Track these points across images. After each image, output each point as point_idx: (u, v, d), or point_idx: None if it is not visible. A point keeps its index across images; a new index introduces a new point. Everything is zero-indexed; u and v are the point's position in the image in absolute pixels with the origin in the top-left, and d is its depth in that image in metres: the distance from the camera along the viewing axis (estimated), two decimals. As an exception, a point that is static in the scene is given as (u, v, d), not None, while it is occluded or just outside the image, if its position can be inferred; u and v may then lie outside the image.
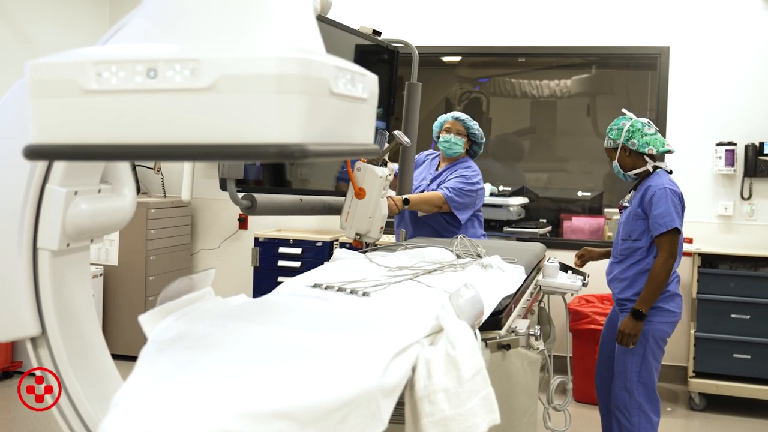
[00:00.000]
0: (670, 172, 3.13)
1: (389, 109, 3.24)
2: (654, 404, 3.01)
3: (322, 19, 2.68)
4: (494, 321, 1.87)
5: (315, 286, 1.86)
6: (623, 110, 3.20)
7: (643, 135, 3.05)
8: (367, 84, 1.28)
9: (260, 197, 2.34)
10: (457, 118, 3.74)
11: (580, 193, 5.43)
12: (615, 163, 3.13)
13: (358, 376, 1.11)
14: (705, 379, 4.33)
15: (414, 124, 3.30)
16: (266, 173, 2.99)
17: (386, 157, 2.96)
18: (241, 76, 1.03)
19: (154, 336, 1.30)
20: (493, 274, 2.24)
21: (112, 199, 1.83)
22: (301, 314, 1.48)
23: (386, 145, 3.01)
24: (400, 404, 1.32)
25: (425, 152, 4.01)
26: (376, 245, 3.02)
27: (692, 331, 4.39)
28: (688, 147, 4.78)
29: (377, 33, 3.03)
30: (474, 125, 3.77)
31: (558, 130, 6.11)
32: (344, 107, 1.19)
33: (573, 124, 6.00)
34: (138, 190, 5.28)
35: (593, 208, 5.35)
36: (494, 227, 4.90)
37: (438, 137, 3.79)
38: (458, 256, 2.57)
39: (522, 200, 4.96)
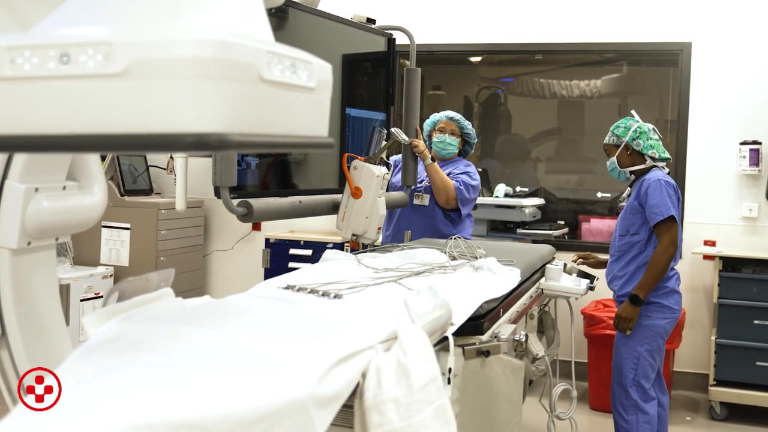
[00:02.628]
0: (668, 173, 3.18)
1: (389, 99, 3.15)
2: (650, 403, 2.96)
3: (310, 11, 2.62)
4: (475, 326, 1.78)
5: (288, 287, 1.78)
6: (632, 112, 3.27)
7: (649, 138, 3.12)
8: (314, 72, 1.20)
9: (257, 203, 2.26)
10: (451, 118, 3.64)
11: (599, 194, 5.29)
12: (613, 159, 3.17)
13: (288, 385, 1.03)
14: (726, 387, 4.16)
15: (415, 111, 3.20)
16: (271, 176, 2.93)
17: (384, 156, 2.88)
18: (156, 61, 0.96)
19: (93, 338, 1.23)
20: (483, 276, 2.15)
21: (78, 196, 1.77)
22: (255, 317, 1.40)
23: (384, 143, 2.93)
24: (350, 406, 1.24)
25: None
26: (374, 246, 2.94)
27: (713, 338, 4.22)
28: (711, 146, 4.61)
29: (371, 21, 2.94)
30: (468, 125, 3.68)
31: (586, 131, 5.98)
32: (283, 96, 1.11)
33: (602, 124, 5.86)
34: (151, 191, 5.26)
35: (614, 209, 5.21)
36: (510, 229, 4.79)
37: (429, 136, 3.70)
38: (454, 258, 2.48)
39: (536, 201, 4.84)
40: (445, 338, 1.56)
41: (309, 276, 1.99)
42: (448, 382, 1.55)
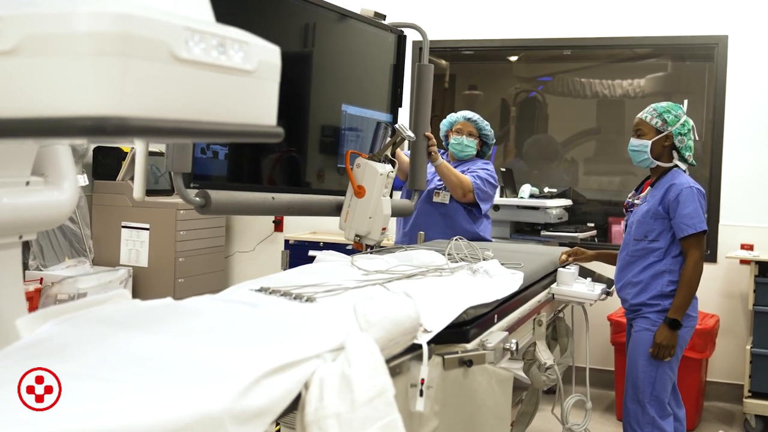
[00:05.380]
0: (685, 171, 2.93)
1: (396, 100, 3.02)
2: (667, 419, 2.77)
3: (318, 4, 2.51)
4: (459, 333, 1.65)
5: (261, 289, 1.68)
6: (685, 102, 2.97)
7: (690, 139, 2.89)
8: (251, 54, 1.09)
9: (216, 194, 2.13)
10: (468, 119, 3.52)
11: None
12: (646, 142, 2.86)
13: (202, 398, 0.92)
14: (762, 399, 3.93)
15: (426, 111, 3.05)
16: (279, 171, 2.83)
17: (388, 153, 2.77)
18: (48, 36, 0.86)
19: (20, 342, 1.15)
20: (478, 280, 2.01)
21: (44, 192, 1.70)
22: (203, 322, 1.30)
23: (388, 139, 2.81)
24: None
25: None
26: (381, 247, 2.83)
27: (749, 347, 3.99)
28: (748, 144, 4.37)
29: (381, 16, 2.82)
30: (486, 126, 3.55)
31: (626, 131, 5.78)
32: (208, 78, 1.01)
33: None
34: (172, 191, 5.23)
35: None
36: (536, 231, 4.62)
37: (446, 137, 3.57)
38: (458, 260, 2.34)
39: (562, 202, 4.66)
40: (419, 346, 1.44)
41: (290, 278, 1.89)
42: (420, 394, 1.43)
